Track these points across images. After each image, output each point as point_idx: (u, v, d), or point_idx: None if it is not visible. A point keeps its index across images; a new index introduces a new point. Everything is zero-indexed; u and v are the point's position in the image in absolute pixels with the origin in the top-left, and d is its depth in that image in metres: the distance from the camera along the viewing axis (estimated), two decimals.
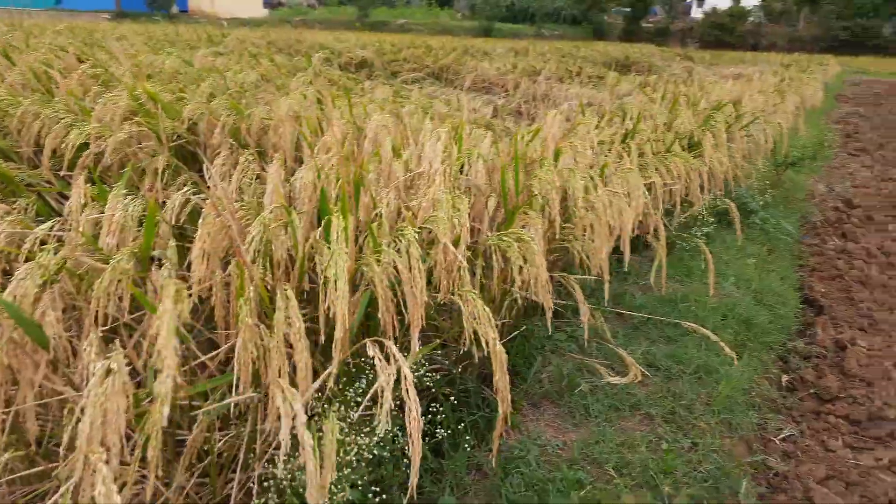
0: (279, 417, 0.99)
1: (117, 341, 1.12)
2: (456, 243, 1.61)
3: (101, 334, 1.05)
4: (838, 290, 3.35)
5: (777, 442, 2.10)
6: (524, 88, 9.82)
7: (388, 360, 1.17)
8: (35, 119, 2.33)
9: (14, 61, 3.51)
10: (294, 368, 1.15)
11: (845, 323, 2.97)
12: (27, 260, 1.46)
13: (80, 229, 1.45)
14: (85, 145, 2.26)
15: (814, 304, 3.20)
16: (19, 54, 3.78)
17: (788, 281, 3.34)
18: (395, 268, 1.45)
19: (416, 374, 1.69)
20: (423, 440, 1.64)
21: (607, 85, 10.30)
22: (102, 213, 1.58)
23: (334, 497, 1.24)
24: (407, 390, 1.08)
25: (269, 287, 1.43)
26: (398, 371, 1.14)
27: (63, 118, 2.35)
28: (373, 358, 1.14)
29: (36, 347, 1.10)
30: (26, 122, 2.32)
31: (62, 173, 2.26)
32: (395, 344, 1.24)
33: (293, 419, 0.97)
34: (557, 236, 2.14)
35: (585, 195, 2.04)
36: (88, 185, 1.77)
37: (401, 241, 1.46)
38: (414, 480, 1.08)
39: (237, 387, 1.13)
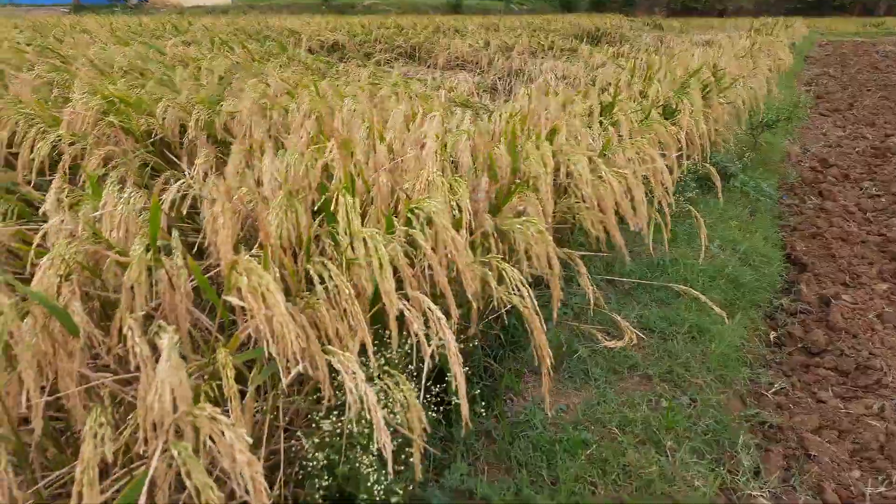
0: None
1: (161, 323, 1.12)
2: (458, 227, 1.63)
3: (137, 319, 1.06)
4: (819, 247, 3.44)
5: (769, 396, 2.17)
6: (498, 64, 9.81)
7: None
8: (5, 123, 2.29)
9: None
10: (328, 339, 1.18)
11: (828, 279, 3.06)
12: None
13: (83, 224, 1.45)
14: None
15: (797, 262, 3.29)
16: None
17: (771, 241, 3.42)
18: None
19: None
20: (435, 409, 1.68)
21: (580, 57, 10.33)
22: (97, 209, 1.57)
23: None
24: (454, 353, 1.13)
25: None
26: (421, 336, 1.17)
27: (34, 122, 2.31)
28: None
29: (67, 336, 1.11)
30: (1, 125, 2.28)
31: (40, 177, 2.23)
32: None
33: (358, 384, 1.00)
34: (555, 214, 2.18)
35: (590, 174, 2.07)
36: (68, 185, 1.76)
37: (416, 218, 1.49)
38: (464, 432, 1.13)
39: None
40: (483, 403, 1.83)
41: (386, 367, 1.32)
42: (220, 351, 1.03)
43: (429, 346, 1.22)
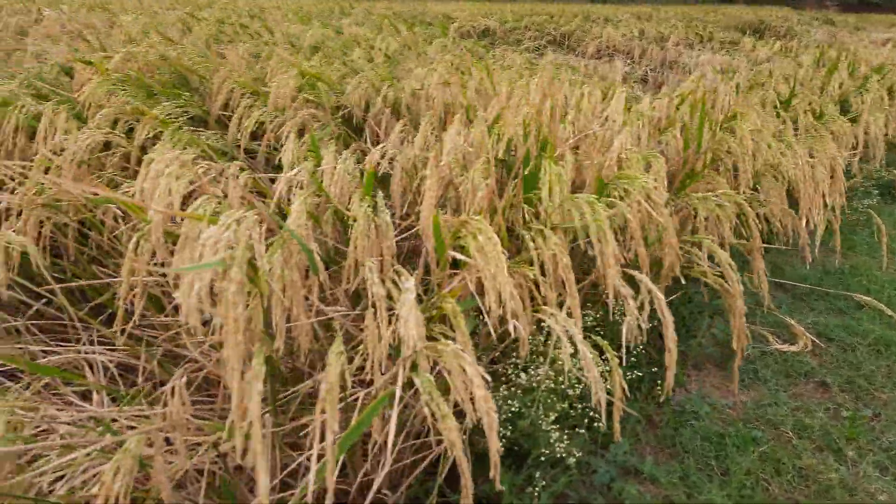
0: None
1: (398, 268, 1.26)
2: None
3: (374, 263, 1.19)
4: None
5: None
6: (651, 55, 9.50)
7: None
8: (223, 90, 2.56)
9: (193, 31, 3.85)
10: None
11: None
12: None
13: (308, 179, 1.63)
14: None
15: None
16: (196, 23, 4.13)
17: None
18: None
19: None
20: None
21: (742, 51, 9.76)
22: (320, 166, 1.76)
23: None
24: (663, 311, 1.19)
25: None
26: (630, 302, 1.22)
27: (245, 91, 2.57)
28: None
29: (308, 273, 1.26)
30: (221, 90, 2.56)
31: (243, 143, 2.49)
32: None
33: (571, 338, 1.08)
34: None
35: (780, 158, 2.01)
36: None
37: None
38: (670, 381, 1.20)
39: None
40: (641, 391, 1.84)
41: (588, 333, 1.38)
42: (444, 298, 1.13)
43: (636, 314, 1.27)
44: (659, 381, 2.00)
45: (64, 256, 1.67)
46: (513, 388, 1.42)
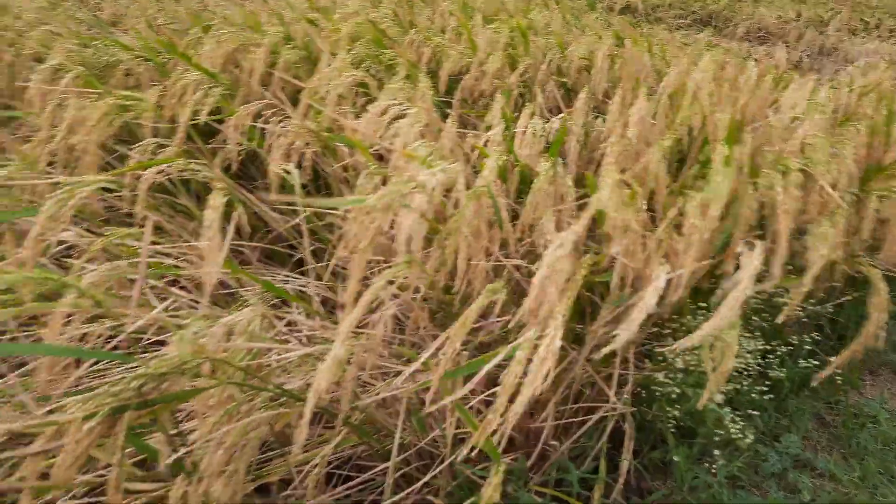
0: None
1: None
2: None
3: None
4: None
5: None
6: (808, 40, 8.85)
7: None
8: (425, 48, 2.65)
9: None
10: None
11: None
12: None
13: (501, 139, 1.69)
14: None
15: None
16: None
17: None
18: None
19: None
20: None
21: None
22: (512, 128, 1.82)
23: None
24: None
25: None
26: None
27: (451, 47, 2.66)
28: None
29: (492, 225, 1.33)
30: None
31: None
32: None
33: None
34: None
35: None
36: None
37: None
38: None
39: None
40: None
41: None
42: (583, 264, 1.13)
43: None
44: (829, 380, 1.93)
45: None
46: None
